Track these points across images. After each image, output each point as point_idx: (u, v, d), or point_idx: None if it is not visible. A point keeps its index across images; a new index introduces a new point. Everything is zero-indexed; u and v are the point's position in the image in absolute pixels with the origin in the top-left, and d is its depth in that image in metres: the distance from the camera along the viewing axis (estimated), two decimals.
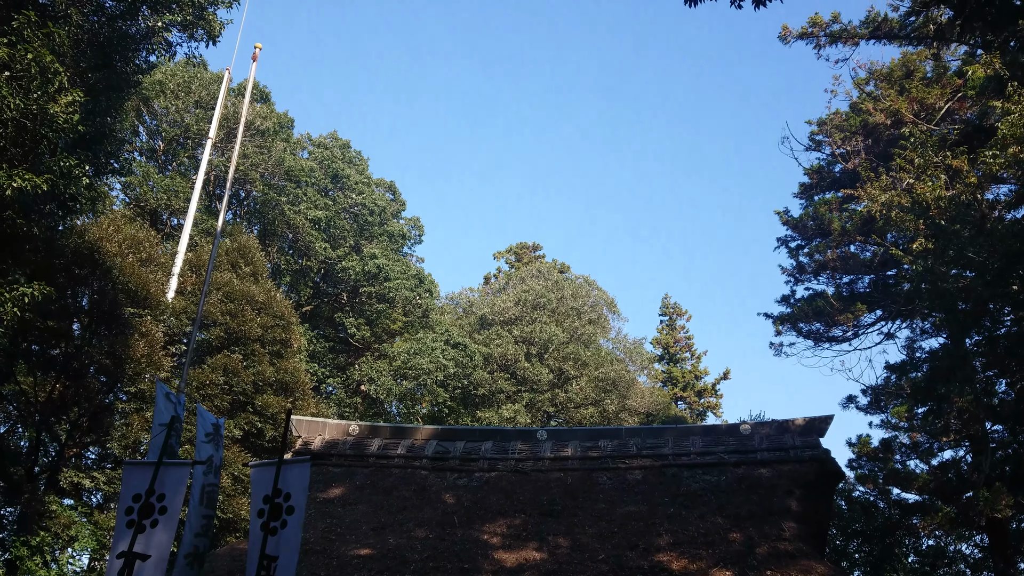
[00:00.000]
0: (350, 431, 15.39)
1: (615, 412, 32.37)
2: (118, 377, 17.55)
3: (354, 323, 32.08)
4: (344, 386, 31.92)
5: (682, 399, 40.84)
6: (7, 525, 18.16)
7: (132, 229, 18.94)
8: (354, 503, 13.09)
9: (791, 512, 11.08)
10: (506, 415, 30.04)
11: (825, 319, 19.53)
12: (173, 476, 6.98)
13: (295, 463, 6.77)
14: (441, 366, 29.03)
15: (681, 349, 43.02)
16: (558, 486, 13.10)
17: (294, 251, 32.05)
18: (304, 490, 6.62)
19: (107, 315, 16.96)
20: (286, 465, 6.64)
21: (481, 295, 41.63)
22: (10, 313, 10.20)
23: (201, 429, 9.44)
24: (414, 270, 33.50)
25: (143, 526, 6.63)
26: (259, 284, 22.19)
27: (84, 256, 16.29)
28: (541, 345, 33.36)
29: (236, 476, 18.95)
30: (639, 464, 13.34)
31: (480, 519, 12.12)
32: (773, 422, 13.65)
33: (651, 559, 10.18)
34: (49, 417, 17.54)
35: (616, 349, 38.79)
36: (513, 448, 14.35)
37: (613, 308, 39.90)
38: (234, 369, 19.86)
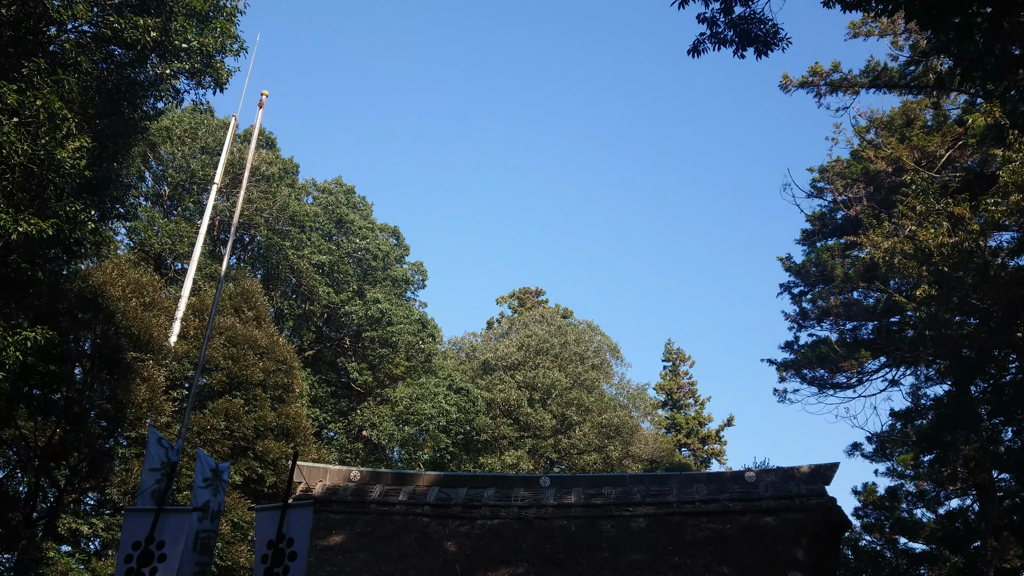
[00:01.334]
0: (351, 477, 15.24)
1: (618, 458, 32.05)
2: (119, 422, 17.46)
3: (356, 368, 31.98)
4: (346, 431, 31.70)
5: (686, 446, 40.48)
6: (4, 572, 17.90)
7: (136, 273, 19.00)
8: (355, 551, 12.91)
9: (797, 561, 10.90)
10: (509, 461, 29.76)
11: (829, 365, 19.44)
12: (173, 523, 6.90)
13: (298, 507, 6.71)
14: (443, 411, 28.86)
15: (685, 395, 42.78)
16: (561, 534, 12.91)
17: (297, 295, 32.10)
18: (307, 535, 6.55)
19: (109, 359, 16.93)
20: (290, 510, 6.59)
21: (484, 340, 41.56)
22: (12, 357, 10.17)
23: (199, 474, 9.35)
24: (417, 315, 33.50)
25: (142, 574, 6.53)
26: (262, 328, 22.19)
27: (87, 300, 16.31)
28: (544, 390, 33.18)
29: (236, 523, 18.72)
30: (643, 512, 13.16)
31: (482, 568, 11.94)
32: (778, 469, 13.50)
33: None
34: (49, 462, 17.40)
35: (619, 395, 38.57)
36: (516, 495, 14.18)
37: (616, 353, 39.81)
38: (235, 414, 19.76)
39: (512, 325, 39.93)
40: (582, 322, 40.40)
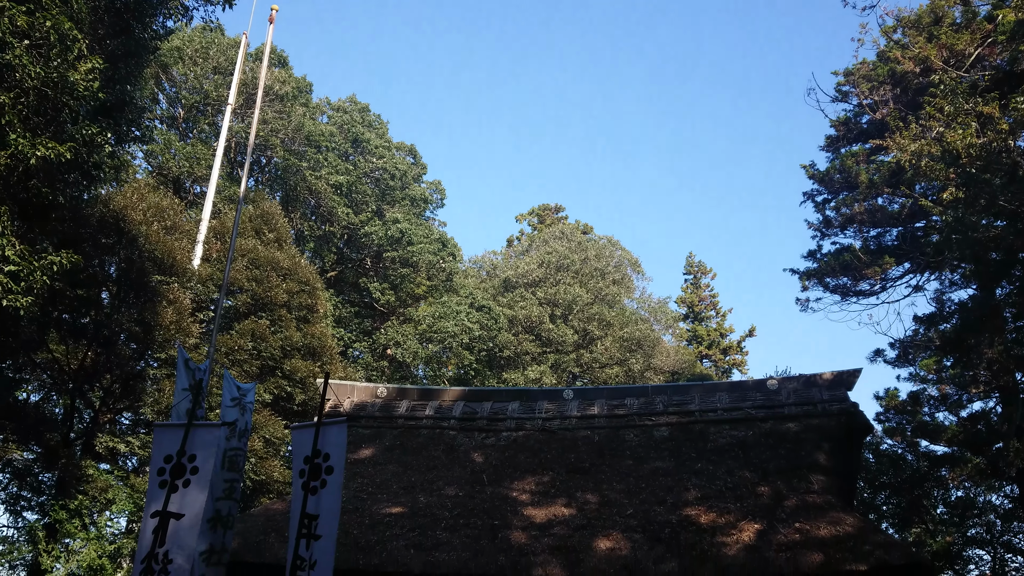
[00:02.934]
0: (378, 393, 15.55)
1: (640, 371, 32.37)
2: (148, 344, 17.79)
3: (378, 288, 32.20)
4: (371, 350, 32.16)
5: (707, 357, 40.73)
6: (46, 490, 18.62)
7: (156, 197, 19.05)
8: (384, 463, 13.27)
9: (819, 466, 11.06)
10: (532, 376, 30.16)
11: (852, 273, 19.26)
12: (203, 438, 7.07)
13: (332, 424, 6.84)
14: (466, 329, 29.13)
15: (706, 307, 42.78)
16: (585, 444, 13.17)
17: (317, 217, 32.12)
18: (342, 450, 6.70)
19: (135, 283, 17.14)
20: (324, 426, 6.71)
21: (504, 258, 41.58)
22: (40, 282, 10.31)
23: (227, 394, 9.53)
24: (437, 234, 33.46)
25: (175, 486, 6.73)
26: (283, 250, 22.30)
27: (110, 225, 16.42)
28: (565, 306, 33.32)
29: (268, 439, 19.24)
30: (666, 421, 13.35)
31: (509, 477, 12.23)
32: (800, 377, 13.57)
33: (679, 514, 10.23)
34: (82, 384, 17.86)
35: (640, 309, 38.68)
36: (540, 408, 14.42)
37: (637, 268, 39.73)
38: (262, 335, 20.06)
39: (532, 242, 39.83)
40: (602, 237, 40.27)
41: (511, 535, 10.29)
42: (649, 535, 9.86)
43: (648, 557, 9.43)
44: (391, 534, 10.60)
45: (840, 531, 9.12)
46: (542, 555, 9.78)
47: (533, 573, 9.61)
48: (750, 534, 9.43)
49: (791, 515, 9.72)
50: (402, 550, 10.23)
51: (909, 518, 20.84)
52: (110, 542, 16.41)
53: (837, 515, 9.51)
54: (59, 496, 16.42)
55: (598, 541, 9.90)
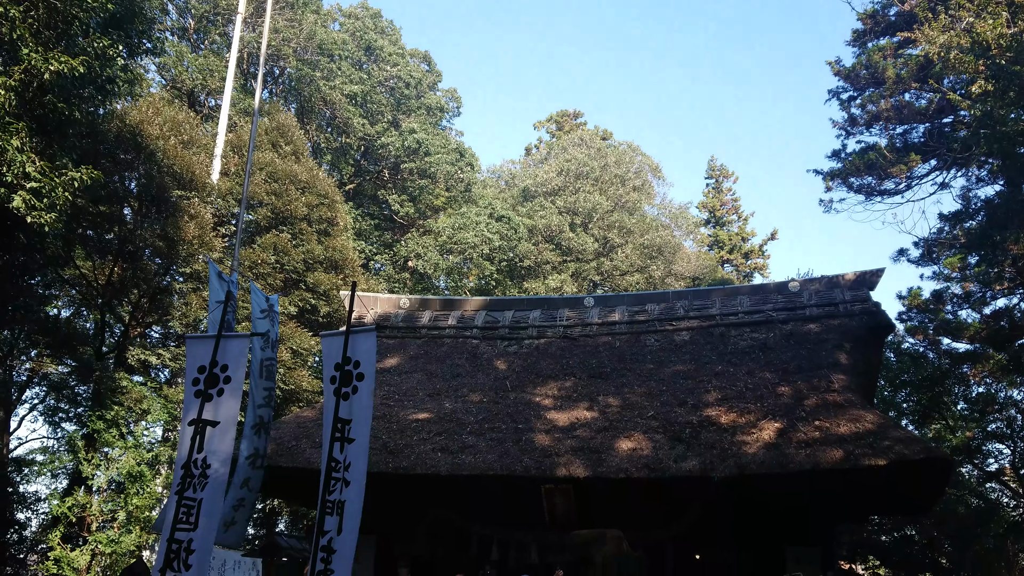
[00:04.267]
0: (401, 304, 15.74)
1: (661, 278, 32.36)
2: (172, 259, 17.98)
3: (397, 200, 32.11)
4: (392, 262, 32.32)
5: (729, 262, 40.57)
6: (82, 402, 19.24)
7: (171, 111, 18.90)
8: (409, 372, 13.55)
9: (840, 365, 11.15)
10: (552, 285, 30.27)
11: (877, 172, 18.83)
12: (234, 348, 7.22)
13: (361, 332, 6.94)
14: (486, 239, 29.10)
15: (727, 212, 42.33)
16: (606, 349, 13.33)
17: (332, 128, 31.78)
18: (372, 357, 6.82)
19: (156, 198, 17.21)
20: (353, 335, 6.82)
21: (523, 167, 41.12)
22: (62, 198, 10.39)
23: (256, 306, 9.69)
24: (454, 144, 33.06)
25: (210, 395, 6.91)
26: (301, 163, 22.19)
27: (127, 140, 16.38)
28: (585, 215, 33.13)
29: (295, 350, 19.62)
30: (686, 325, 13.45)
31: (531, 383, 12.46)
32: (823, 278, 13.55)
33: (700, 414, 10.41)
34: (111, 299, 18.17)
35: (661, 215, 38.35)
36: (561, 315, 14.56)
37: (658, 173, 39.19)
38: (283, 248, 20.19)
39: (551, 150, 39.28)
40: (622, 143, 39.58)
41: (535, 438, 10.55)
42: (670, 435, 10.08)
43: (669, 456, 9.66)
44: (419, 438, 10.90)
45: (860, 428, 9.26)
46: (565, 456, 10.05)
47: (557, 473, 9.90)
48: (770, 432, 9.60)
49: (811, 413, 9.86)
50: (430, 453, 10.54)
51: (929, 415, 21.06)
52: (147, 450, 17.01)
53: (857, 413, 9.64)
54: (95, 407, 16.94)
55: (620, 442, 10.13)
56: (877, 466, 8.62)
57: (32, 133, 10.19)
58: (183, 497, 6.47)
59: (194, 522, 6.40)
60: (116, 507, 16.57)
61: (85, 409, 18.17)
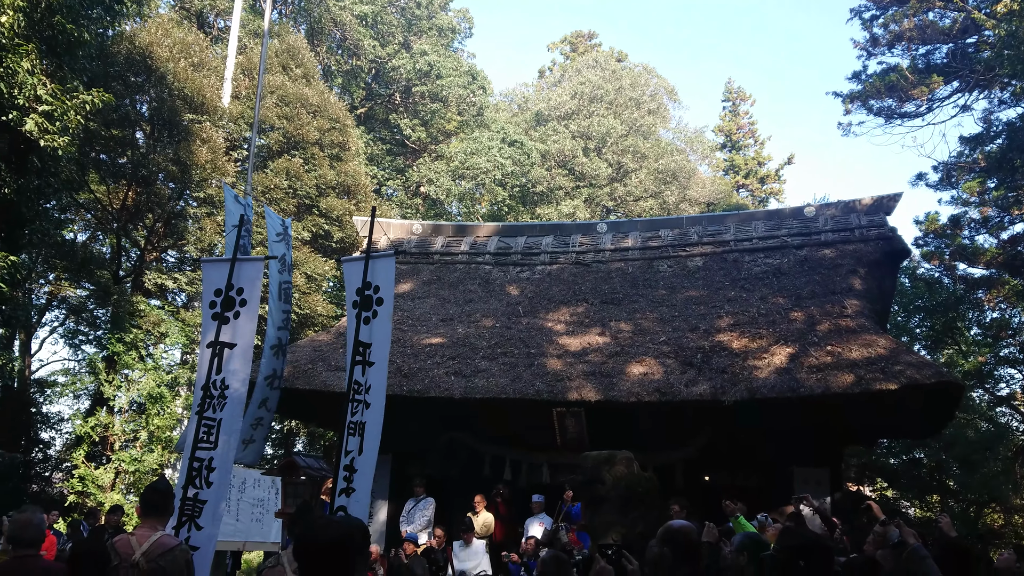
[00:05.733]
0: (414, 230, 15.73)
1: (675, 203, 32.12)
2: (186, 184, 17.99)
3: (409, 124, 31.74)
4: (404, 188, 32.17)
5: (744, 187, 40.12)
6: (101, 325, 19.54)
7: (180, 33, 18.62)
8: (423, 297, 13.63)
9: (854, 290, 11.13)
10: (565, 211, 30.12)
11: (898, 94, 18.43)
12: (248, 270, 7.25)
13: (381, 257, 6.97)
14: (498, 165, 28.84)
15: (744, 136, 41.63)
16: (619, 275, 13.34)
17: (343, 50, 31.23)
18: (391, 282, 6.87)
19: (167, 122, 17.11)
20: (373, 260, 6.84)
21: (536, 90, 40.42)
22: (74, 121, 10.33)
23: (271, 229, 9.69)
24: (466, 66, 32.44)
25: (226, 318, 6.98)
26: (312, 86, 21.92)
27: (137, 62, 16.20)
28: (599, 139, 32.70)
29: (309, 275, 19.77)
30: (700, 251, 13.41)
31: (544, 308, 12.53)
32: (839, 203, 13.42)
33: (712, 339, 10.47)
34: (126, 224, 18.28)
35: (676, 139, 37.82)
36: (574, 241, 14.53)
37: (673, 96, 38.47)
38: (296, 173, 20.14)
39: (564, 72, 38.51)
40: (637, 65, 38.74)
41: (547, 362, 10.67)
42: (681, 360, 10.16)
43: (680, 380, 9.76)
44: (433, 363, 11.04)
45: (872, 352, 9.29)
46: (577, 380, 10.17)
47: (568, 397, 10.03)
48: (782, 357, 9.66)
49: (823, 338, 9.90)
50: (444, 377, 10.69)
51: (942, 340, 21.10)
52: (167, 372, 17.35)
53: (870, 337, 9.66)
54: (114, 330, 17.23)
55: (631, 366, 10.23)
56: (888, 390, 8.68)
57: (42, 55, 10.07)
58: (203, 417, 6.61)
59: (214, 441, 6.55)
60: (138, 427, 17.02)
61: (104, 332, 18.47)
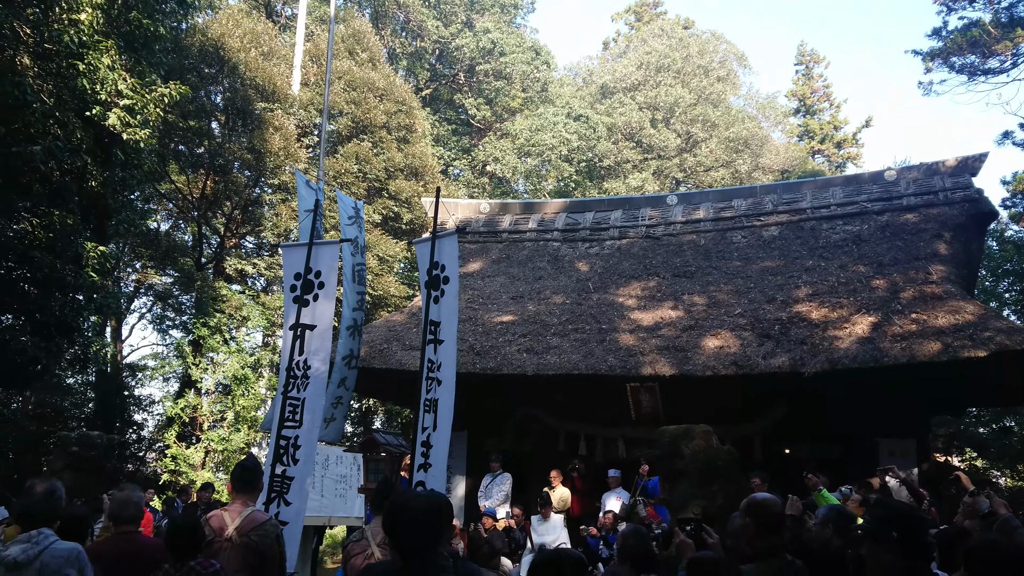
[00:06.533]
0: (481, 209, 15.80)
1: (748, 172, 31.40)
2: (261, 171, 18.46)
3: (473, 103, 31.78)
4: (470, 167, 32.30)
5: (820, 152, 38.87)
6: (186, 310, 20.31)
7: (250, 23, 19.03)
8: (492, 276, 13.70)
9: (939, 256, 10.72)
10: (633, 184, 29.77)
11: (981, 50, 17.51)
12: (325, 254, 7.44)
13: (445, 236, 7.07)
14: (564, 140, 28.65)
15: (818, 99, 40.24)
16: (691, 248, 13.14)
17: (407, 33, 31.43)
18: (455, 260, 6.97)
19: (241, 112, 17.56)
20: (438, 239, 6.95)
21: (600, 62, 39.90)
22: (154, 114, 10.70)
23: (343, 213, 9.88)
24: (529, 42, 32.25)
25: (306, 300, 7.19)
26: (377, 70, 22.16)
27: (210, 54, 16.64)
28: (667, 109, 32.14)
29: (381, 257, 20.11)
30: (775, 220, 13.11)
31: (614, 284, 12.45)
32: (921, 165, 12.91)
33: (789, 310, 10.24)
34: (206, 212, 18.90)
35: (747, 106, 36.87)
36: (643, 215, 14.37)
37: (743, 62, 37.48)
38: (365, 157, 20.44)
39: (629, 43, 37.89)
40: (705, 32, 37.83)
41: (619, 338, 10.61)
42: (758, 332, 9.97)
43: (757, 353, 9.60)
44: (504, 340, 11.12)
45: (959, 319, 8.95)
46: (650, 355, 10.10)
47: (642, 372, 9.97)
48: (864, 327, 9.39)
49: (907, 306, 9.58)
50: (516, 354, 10.75)
51: None
52: (250, 354, 17.92)
53: (956, 304, 9.30)
54: (199, 315, 17.89)
55: (706, 340, 10.10)
56: (976, 358, 8.36)
57: (120, 51, 10.43)
58: (287, 396, 6.83)
59: (299, 419, 6.77)
60: (224, 408, 17.68)
61: (189, 317, 19.19)
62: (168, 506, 11.83)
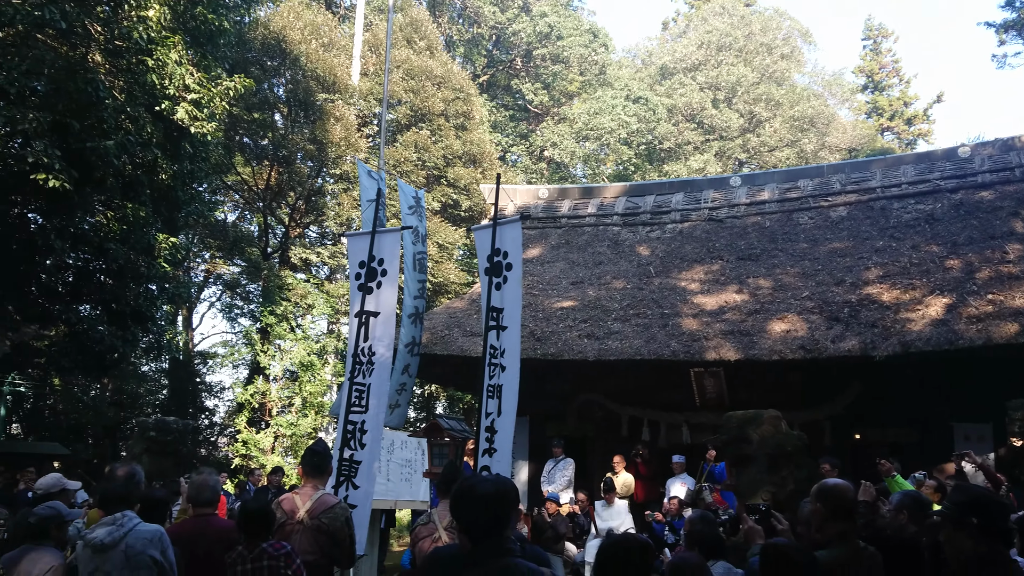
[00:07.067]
0: (540, 195, 15.74)
1: (814, 152, 30.60)
2: (323, 161, 18.75)
3: (531, 88, 31.66)
4: (528, 153, 32.23)
5: (889, 130, 37.65)
6: (254, 299, 20.82)
7: (310, 15, 19.30)
8: (551, 261, 13.67)
9: (1016, 234, 10.28)
10: (694, 167, 29.29)
11: None
12: (387, 242, 7.52)
13: (507, 223, 7.08)
14: (623, 123, 28.33)
15: (887, 75, 38.94)
16: (755, 230, 12.89)
17: (463, 19, 31.45)
18: (518, 247, 6.98)
19: (303, 103, 17.86)
20: (500, 226, 6.96)
21: (660, 43, 39.28)
22: (220, 107, 10.96)
23: (404, 202, 9.97)
24: (586, 25, 31.95)
25: (370, 288, 7.29)
26: (435, 58, 22.24)
27: (272, 47, 16.94)
28: (728, 89, 31.50)
29: (441, 244, 20.25)
30: (843, 200, 12.76)
31: (676, 268, 12.29)
32: (996, 141, 12.40)
33: (859, 293, 9.97)
34: (271, 202, 19.30)
35: (813, 84, 35.90)
36: (705, 197, 14.13)
37: (808, 39, 36.46)
38: (424, 145, 20.57)
39: (689, 22, 37.22)
40: (768, 8, 36.89)
41: (682, 322, 10.48)
42: (827, 315, 9.74)
43: (826, 336, 9.37)
44: (564, 325, 11.09)
45: None
46: (715, 339, 9.95)
47: (706, 357, 9.83)
48: (937, 308, 9.09)
49: (983, 287, 9.22)
50: (576, 340, 10.72)
51: None
52: (315, 341, 18.28)
53: None
54: (266, 303, 18.31)
55: (772, 324, 9.90)
56: None
57: (187, 46, 10.69)
58: (354, 382, 6.94)
59: (365, 405, 6.89)
60: (292, 393, 18.09)
61: (257, 305, 19.67)
62: (240, 489, 12.17)
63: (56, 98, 9.06)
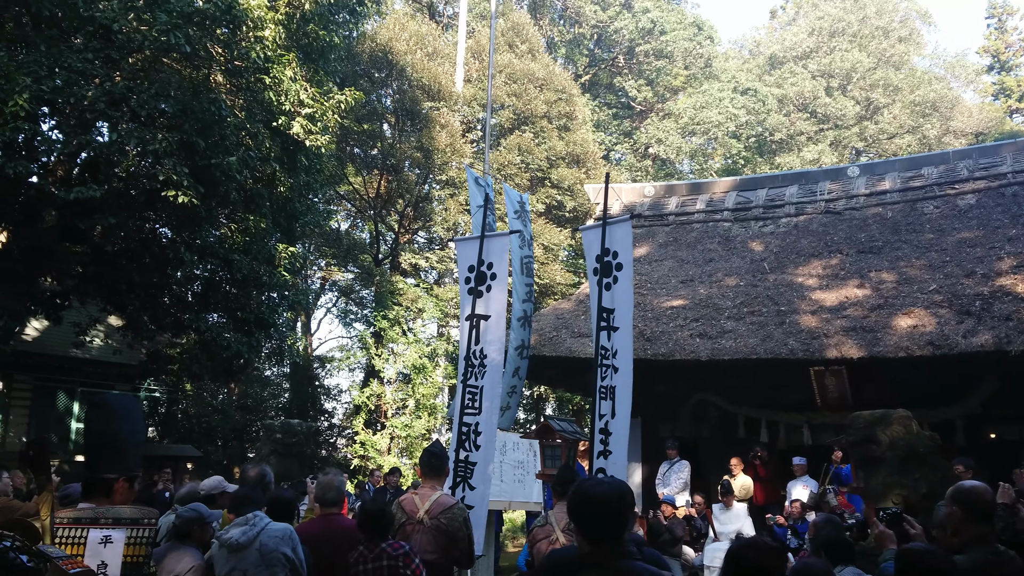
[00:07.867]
0: (646, 193, 15.54)
1: (937, 137, 29.00)
2: (429, 168, 19.15)
3: (634, 85, 31.32)
4: (632, 151, 31.89)
5: (1019, 112, 35.24)
6: (367, 304, 21.46)
7: (415, 25, 19.75)
8: (659, 260, 13.46)
9: None
10: (808, 158, 28.26)
11: None
12: (496, 246, 7.60)
13: (617, 223, 7.01)
14: (731, 116, 27.65)
15: (1014, 54, 36.46)
16: (876, 222, 12.32)
17: (564, 20, 31.46)
18: (628, 246, 6.89)
19: (409, 112, 18.30)
20: (609, 226, 6.90)
21: (768, 32, 38.16)
22: (332, 120, 11.35)
23: (510, 206, 10.06)
24: (690, 18, 31.37)
25: (480, 292, 7.39)
26: (537, 60, 22.34)
27: (379, 59, 17.44)
28: (843, 76, 30.24)
29: (546, 246, 20.30)
30: (971, 188, 12.03)
31: (791, 263, 11.89)
32: None
33: (992, 284, 9.38)
34: (381, 210, 19.85)
35: (934, 66, 34.05)
36: (821, 189, 13.61)
37: (927, 19, 34.58)
38: (527, 148, 20.69)
39: (799, 9, 35.97)
40: None
41: (799, 319, 10.13)
42: (956, 309, 9.21)
43: (956, 331, 8.86)
44: (675, 325, 10.90)
45: None
46: (835, 337, 9.56)
47: (827, 355, 9.47)
48: None
49: None
50: (688, 339, 10.51)
51: None
52: (426, 344, 18.66)
53: None
54: (379, 308, 18.84)
55: (897, 319, 9.44)
56: None
57: (300, 63, 11.13)
58: (467, 385, 7.05)
59: (478, 407, 6.99)
60: (405, 396, 18.53)
61: (370, 310, 20.26)
62: (360, 490, 12.55)
63: (182, 118, 9.59)
